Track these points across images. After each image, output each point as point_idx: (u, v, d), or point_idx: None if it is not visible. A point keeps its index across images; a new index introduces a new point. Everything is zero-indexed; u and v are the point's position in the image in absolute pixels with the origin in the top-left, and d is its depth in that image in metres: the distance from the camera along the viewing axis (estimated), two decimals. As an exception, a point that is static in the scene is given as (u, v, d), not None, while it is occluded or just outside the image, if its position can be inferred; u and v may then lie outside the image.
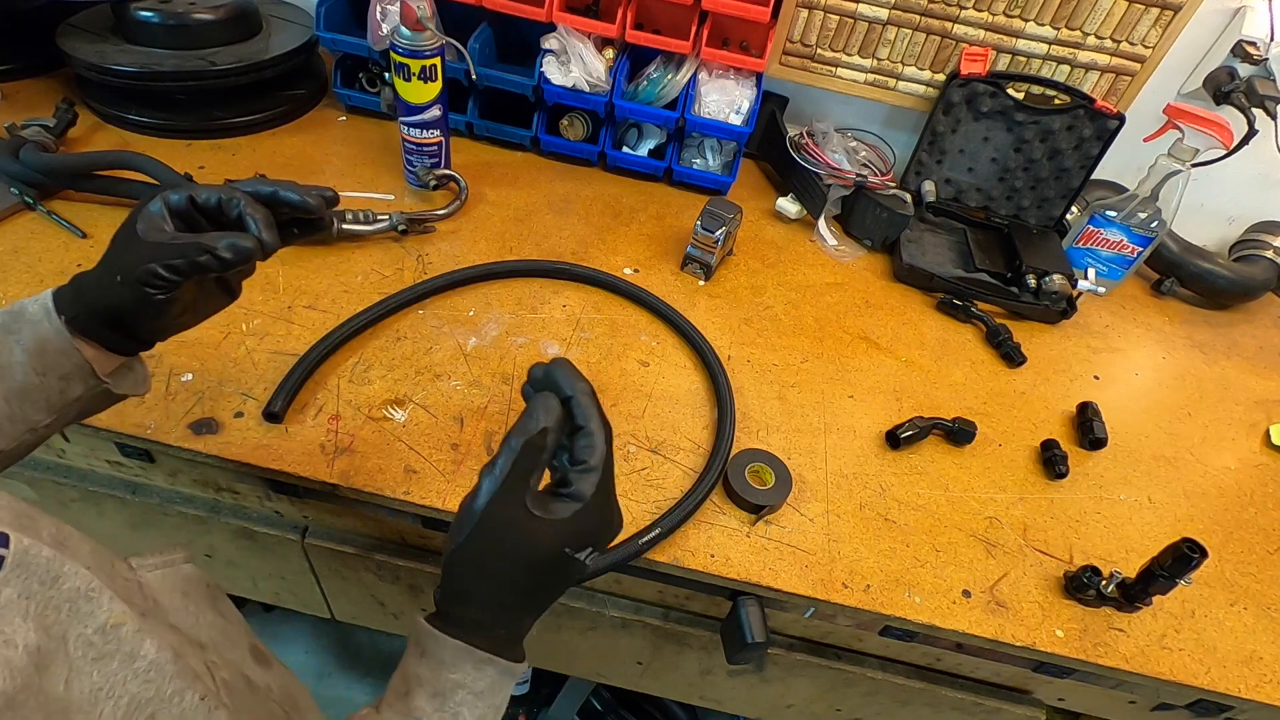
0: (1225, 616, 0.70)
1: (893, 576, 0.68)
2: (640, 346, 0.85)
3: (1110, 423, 0.85)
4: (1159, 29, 1.00)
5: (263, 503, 0.78)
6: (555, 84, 1.02)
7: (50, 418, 0.46)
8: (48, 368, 0.44)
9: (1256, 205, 1.18)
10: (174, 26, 0.98)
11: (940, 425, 0.80)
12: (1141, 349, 1.03)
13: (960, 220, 1.14)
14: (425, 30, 0.86)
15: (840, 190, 1.07)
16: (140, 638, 0.34)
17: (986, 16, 1.03)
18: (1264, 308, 1.17)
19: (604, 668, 0.90)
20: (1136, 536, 0.76)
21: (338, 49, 1.07)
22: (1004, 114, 1.07)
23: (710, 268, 0.95)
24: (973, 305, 0.99)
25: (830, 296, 0.99)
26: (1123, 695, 0.77)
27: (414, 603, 0.85)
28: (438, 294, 0.86)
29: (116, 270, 0.44)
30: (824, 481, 0.75)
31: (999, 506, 0.76)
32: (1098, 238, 1.05)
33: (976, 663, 0.77)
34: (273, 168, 0.99)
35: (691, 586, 0.74)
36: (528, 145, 1.14)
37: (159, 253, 0.43)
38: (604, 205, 1.06)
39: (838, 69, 1.11)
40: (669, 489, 0.70)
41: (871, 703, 0.83)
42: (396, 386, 0.75)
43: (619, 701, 1.50)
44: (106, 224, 0.85)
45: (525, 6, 1.00)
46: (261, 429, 0.68)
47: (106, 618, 0.33)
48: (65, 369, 0.45)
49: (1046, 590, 0.69)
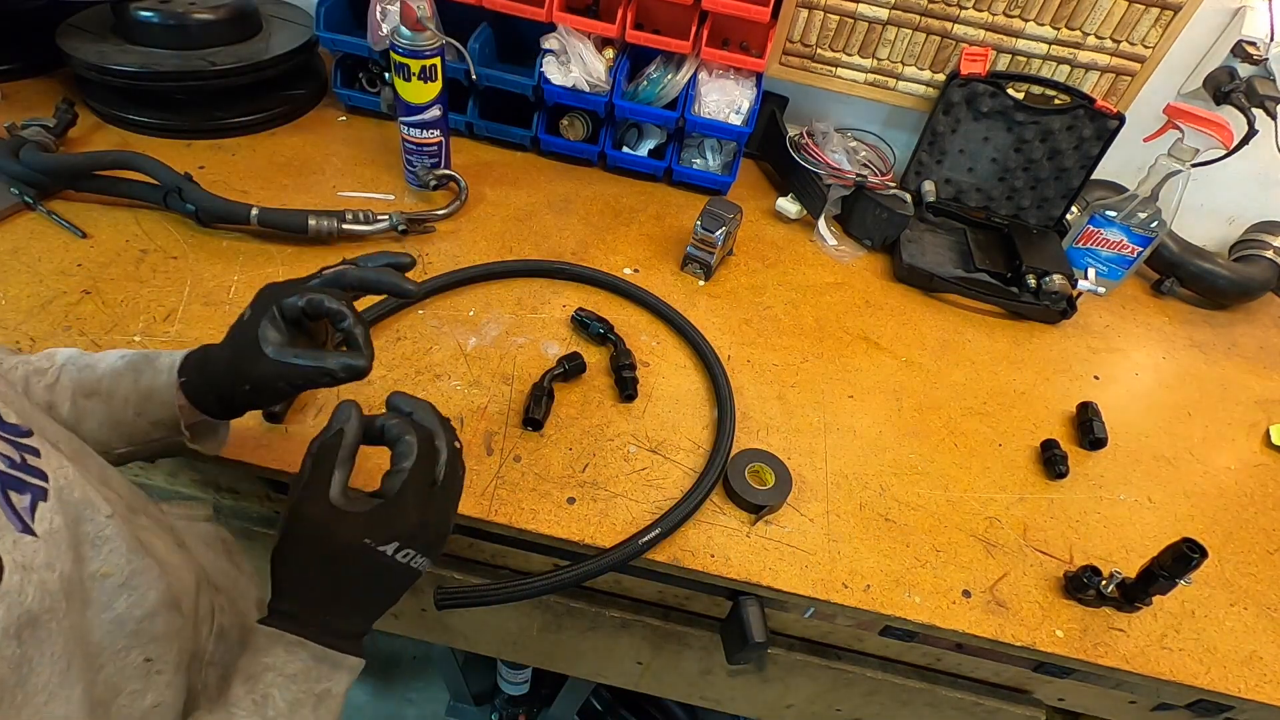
0: (1225, 616, 0.70)
1: (893, 576, 0.68)
2: (640, 346, 0.85)
3: (1110, 423, 0.85)
4: (1159, 29, 1.00)
5: (263, 503, 0.78)
6: (555, 84, 1.02)
7: (126, 449, 0.51)
8: (145, 411, 0.50)
9: (1256, 205, 1.18)
10: (174, 26, 0.98)
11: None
12: (1141, 349, 1.03)
13: (960, 220, 1.14)
14: (425, 30, 0.86)
15: (840, 190, 1.07)
16: (119, 592, 0.38)
17: (986, 16, 1.03)
18: (1264, 308, 1.17)
19: (604, 668, 0.90)
20: (1136, 536, 0.76)
21: (338, 49, 1.07)
22: (1004, 114, 1.07)
23: (710, 268, 0.95)
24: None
25: (830, 296, 0.99)
26: (1123, 695, 0.77)
27: (412, 602, 0.85)
28: (438, 294, 0.86)
29: (246, 380, 0.49)
30: (824, 481, 0.75)
31: (999, 506, 0.76)
32: (1098, 238, 1.05)
33: (976, 663, 0.77)
34: (273, 168, 0.99)
35: (691, 586, 0.74)
36: (528, 145, 1.14)
37: (287, 373, 0.49)
38: (604, 205, 1.06)
39: (838, 69, 1.11)
40: (669, 489, 0.70)
41: (871, 703, 0.83)
42: (396, 386, 0.75)
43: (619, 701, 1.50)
44: (107, 224, 0.86)
45: (525, 6, 1.00)
46: (262, 429, 0.68)
47: (99, 566, 0.37)
48: (159, 417, 0.51)
49: (1046, 590, 0.69)
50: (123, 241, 0.84)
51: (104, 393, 0.50)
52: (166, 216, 0.88)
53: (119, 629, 0.38)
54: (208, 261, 0.84)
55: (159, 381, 0.50)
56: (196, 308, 0.78)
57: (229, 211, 0.86)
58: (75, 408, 0.50)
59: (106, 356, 0.52)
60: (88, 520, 0.37)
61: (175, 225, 0.87)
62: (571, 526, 0.66)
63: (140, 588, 0.39)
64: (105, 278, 0.79)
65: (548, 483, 0.69)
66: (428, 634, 0.92)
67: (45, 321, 0.73)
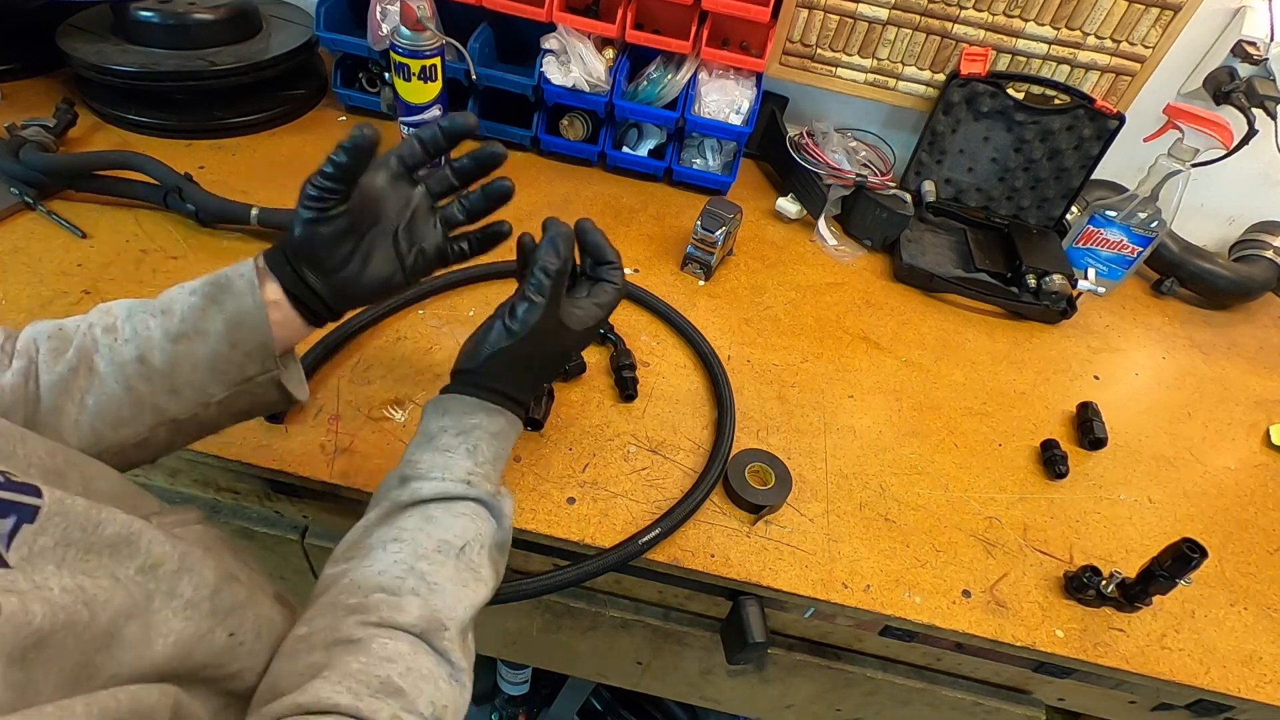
0: (1225, 616, 0.70)
1: (893, 576, 0.68)
2: (640, 346, 0.85)
3: (1110, 423, 0.85)
4: (1159, 29, 1.00)
5: (263, 503, 0.78)
6: (555, 84, 1.02)
7: (224, 393, 0.50)
8: (239, 340, 0.49)
9: (1256, 205, 1.18)
10: (174, 26, 0.98)
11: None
12: (1141, 349, 1.03)
13: (960, 220, 1.14)
14: (425, 30, 0.86)
15: (840, 190, 1.07)
16: (178, 577, 0.37)
17: (986, 16, 1.03)
18: (1264, 308, 1.17)
19: (604, 668, 0.90)
20: (1136, 536, 0.76)
21: (338, 49, 1.06)
22: (1004, 114, 1.07)
23: (710, 268, 0.95)
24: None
25: (830, 296, 0.99)
26: (1123, 695, 0.77)
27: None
28: (438, 294, 0.86)
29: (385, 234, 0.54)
30: (824, 481, 0.75)
31: (999, 506, 0.76)
32: (1098, 238, 1.05)
33: (976, 663, 0.77)
34: (273, 168, 0.99)
35: (691, 586, 0.74)
36: (528, 145, 1.14)
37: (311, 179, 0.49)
38: (604, 205, 1.06)
39: (838, 69, 1.11)
40: (669, 489, 0.70)
41: (871, 703, 0.83)
42: (397, 386, 0.75)
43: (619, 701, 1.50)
44: (106, 224, 0.85)
45: (525, 6, 1.00)
46: (262, 429, 0.68)
47: (145, 559, 0.35)
48: (251, 345, 0.49)
49: (1046, 590, 0.69)
50: (123, 241, 0.84)
51: (191, 332, 0.48)
52: (166, 216, 0.88)
53: (195, 612, 0.37)
54: (208, 261, 0.84)
55: (244, 304, 0.48)
56: (196, 308, 0.78)
57: (229, 211, 0.86)
58: (168, 356, 0.47)
59: (174, 297, 0.49)
60: (108, 523, 0.34)
61: (175, 225, 0.87)
62: (571, 526, 0.66)
63: (195, 568, 0.38)
64: (105, 278, 0.79)
65: (547, 483, 0.69)
66: (428, 634, 0.92)
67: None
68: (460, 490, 0.47)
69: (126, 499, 0.43)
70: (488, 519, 0.48)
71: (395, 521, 0.46)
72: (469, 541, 0.46)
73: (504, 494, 0.51)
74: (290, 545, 0.79)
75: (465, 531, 0.46)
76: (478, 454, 0.49)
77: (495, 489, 0.50)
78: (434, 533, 0.45)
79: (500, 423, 0.52)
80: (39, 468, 0.37)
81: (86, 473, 0.41)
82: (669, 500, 0.69)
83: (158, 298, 0.49)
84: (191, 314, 0.48)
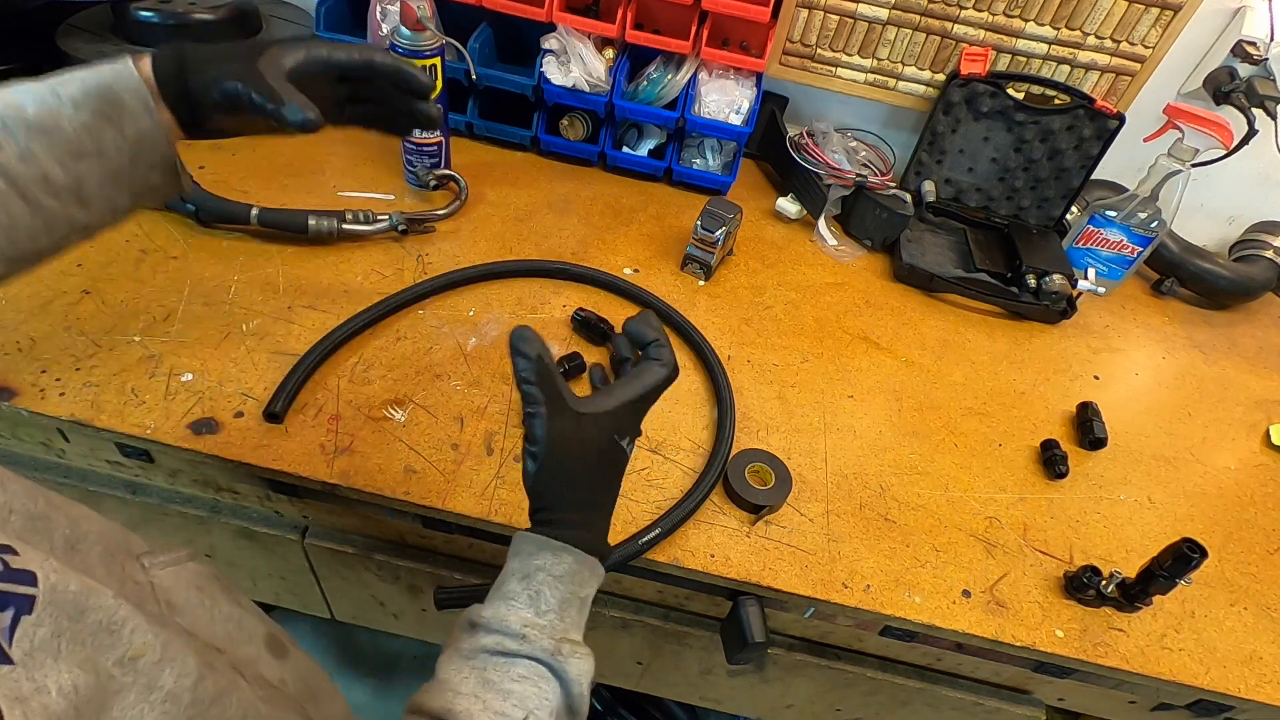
0: (1225, 616, 0.70)
1: (893, 576, 0.68)
2: (640, 346, 0.85)
3: (1110, 423, 0.85)
4: (1159, 29, 1.00)
5: (263, 503, 0.78)
6: (555, 84, 1.02)
7: (130, 202, 0.53)
8: (141, 157, 0.51)
9: (1256, 205, 1.18)
10: (174, 26, 0.98)
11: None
12: (1141, 349, 1.03)
13: (960, 220, 1.14)
14: (425, 30, 0.86)
15: (840, 190, 1.07)
16: (159, 669, 0.35)
17: (986, 16, 1.03)
18: (1264, 308, 1.17)
19: (604, 668, 0.90)
20: (1136, 536, 0.76)
21: (338, 49, 1.06)
22: (1004, 114, 1.07)
23: (710, 268, 0.95)
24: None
25: (830, 296, 0.99)
26: (1123, 695, 0.77)
27: (414, 603, 0.85)
28: (438, 294, 0.86)
29: (224, 75, 0.51)
30: (824, 481, 0.75)
31: (999, 506, 0.76)
32: (1098, 238, 1.05)
33: (976, 663, 0.77)
34: (273, 168, 0.99)
35: (691, 586, 0.74)
36: (528, 145, 1.14)
37: (253, 85, 0.50)
38: (604, 205, 1.06)
39: (838, 69, 1.11)
40: (669, 489, 0.70)
41: (871, 703, 0.83)
42: (397, 386, 0.75)
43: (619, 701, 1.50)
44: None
45: (525, 6, 1.00)
46: (262, 429, 0.68)
47: (125, 650, 0.34)
48: (154, 159, 0.52)
49: (1046, 590, 0.69)
50: (122, 241, 0.84)
51: (92, 152, 0.48)
52: (166, 216, 0.88)
53: (176, 706, 0.35)
54: (208, 261, 0.84)
55: (143, 126, 0.50)
56: (197, 308, 0.78)
57: (229, 211, 0.86)
58: (68, 173, 0.48)
59: (56, 111, 0.48)
60: (93, 610, 0.33)
61: (175, 225, 0.87)
62: (571, 526, 0.66)
63: (178, 656, 0.36)
64: (105, 277, 0.79)
65: (548, 483, 0.69)
66: (428, 634, 0.92)
67: (45, 321, 0.73)
68: (514, 646, 0.44)
69: (114, 539, 0.42)
70: (550, 680, 0.44)
71: (454, 684, 0.43)
72: (530, 712, 0.42)
73: (571, 652, 0.45)
74: (290, 545, 0.79)
75: (525, 700, 0.42)
76: (540, 601, 0.46)
77: (558, 643, 0.45)
78: (491, 702, 0.42)
79: (567, 562, 0.47)
80: (20, 514, 0.36)
81: (72, 514, 0.40)
82: (669, 500, 0.69)
83: (28, 106, 0.47)
84: (85, 134, 0.48)
